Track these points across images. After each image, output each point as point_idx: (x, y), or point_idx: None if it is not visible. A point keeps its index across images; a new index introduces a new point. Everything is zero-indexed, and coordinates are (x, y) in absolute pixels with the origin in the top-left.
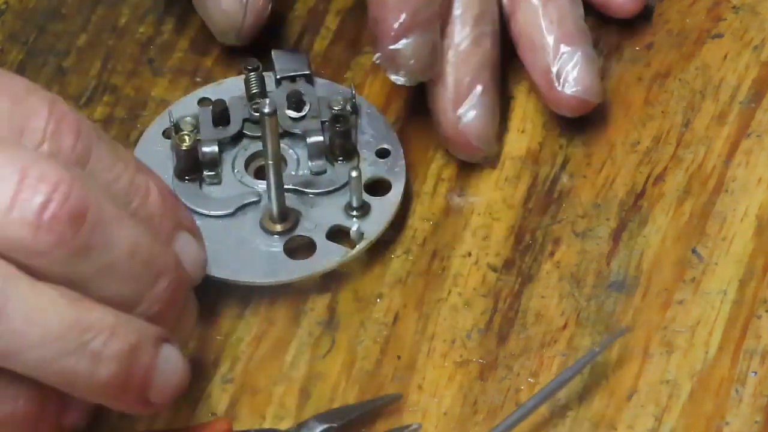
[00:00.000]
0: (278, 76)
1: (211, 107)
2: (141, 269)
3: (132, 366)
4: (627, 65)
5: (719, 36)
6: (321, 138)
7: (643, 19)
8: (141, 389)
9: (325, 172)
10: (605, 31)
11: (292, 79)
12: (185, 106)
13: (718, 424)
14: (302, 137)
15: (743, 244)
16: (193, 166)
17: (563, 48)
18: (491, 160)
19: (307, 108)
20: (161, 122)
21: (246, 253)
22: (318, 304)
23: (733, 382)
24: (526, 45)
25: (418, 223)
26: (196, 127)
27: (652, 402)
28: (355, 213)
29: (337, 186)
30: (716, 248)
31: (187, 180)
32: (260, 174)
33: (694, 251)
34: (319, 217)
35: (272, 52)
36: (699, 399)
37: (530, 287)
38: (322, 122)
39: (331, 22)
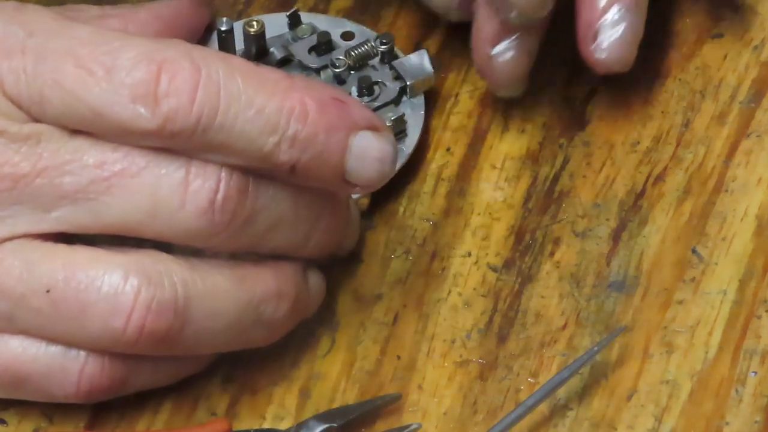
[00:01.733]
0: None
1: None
2: (307, 212)
3: (295, 310)
4: None
5: (719, 36)
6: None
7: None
8: (299, 317)
9: None
10: None
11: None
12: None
13: (718, 424)
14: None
15: (743, 244)
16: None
17: (614, 9)
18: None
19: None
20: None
21: None
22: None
23: (733, 382)
24: None
25: (418, 223)
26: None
27: (652, 402)
28: None
29: None
30: (716, 248)
31: None
32: None
33: (694, 251)
34: None
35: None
36: (699, 399)
37: (530, 287)
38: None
39: None
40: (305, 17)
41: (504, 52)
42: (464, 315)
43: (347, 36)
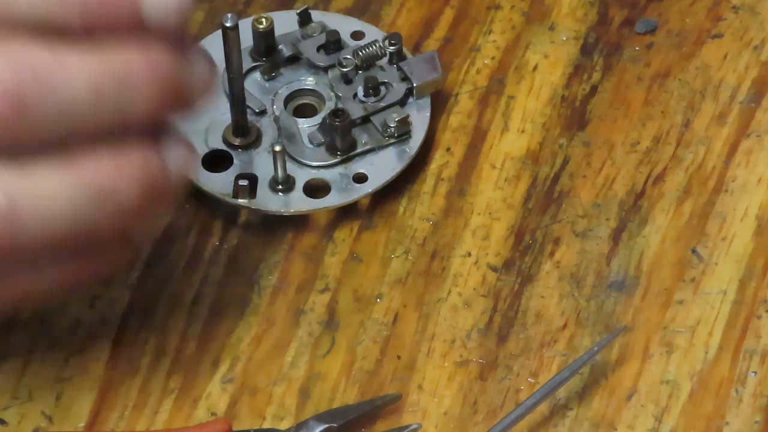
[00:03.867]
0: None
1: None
2: (117, 83)
3: (147, 192)
4: (627, 65)
5: (719, 36)
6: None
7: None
8: (159, 199)
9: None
10: (605, 30)
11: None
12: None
13: (718, 424)
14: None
15: (743, 244)
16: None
17: None
18: None
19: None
20: None
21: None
22: (318, 304)
23: (733, 382)
24: None
25: (418, 223)
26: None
27: (652, 402)
28: (280, 187)
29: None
30: (716, 248)
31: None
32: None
33: (694, 251)
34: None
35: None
36: (699, 399)
37: (530, 287)
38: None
39: None
40: (315, 15)
41: None
42: (464, 315)
43: (357, 36)
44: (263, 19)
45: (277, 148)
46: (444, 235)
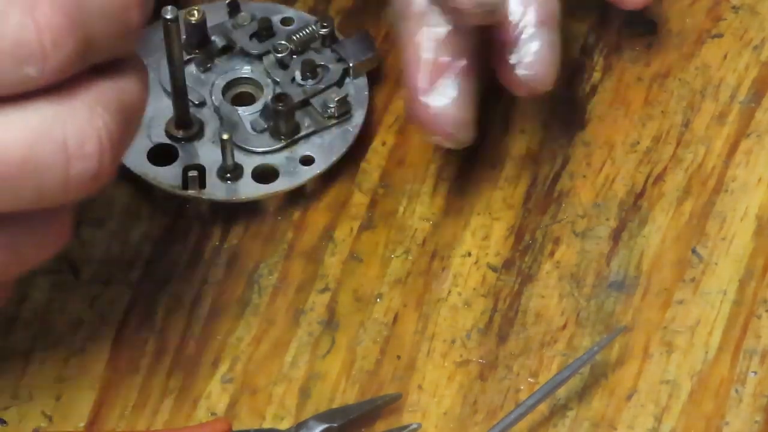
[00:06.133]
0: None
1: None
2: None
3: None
4: (627, 65)
5: (719, 36)
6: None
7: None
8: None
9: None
10: (605, 30)
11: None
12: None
13: (718, 424)
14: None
15: (743, 244)
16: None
17: (530, 27)
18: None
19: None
20: None
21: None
22: (318, 304)
23: (733, 382)
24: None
25: (418, 223)
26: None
27: (652, 402)
28: (228, 175)
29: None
30: (716, 248)
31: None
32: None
33: (694, 251)
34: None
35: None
36: (699, 399)
37: (530, 287)
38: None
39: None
40: (244, 5)
41: (441, 96)
42: (464, 315)
43: (286, 22)
44: (195, 11)
45: (225, 136)
46: (444, 235)
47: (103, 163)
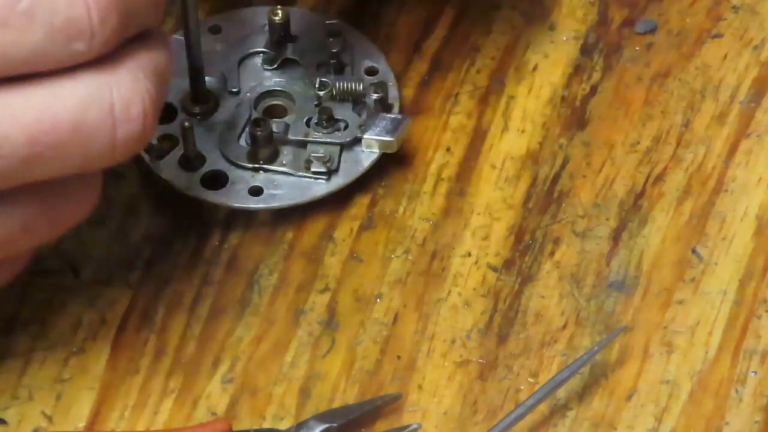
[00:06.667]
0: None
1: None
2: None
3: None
4: (627, 65)
5: (719, 36)
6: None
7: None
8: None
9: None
10: (605, 30)
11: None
12: None
13: (718, 424)
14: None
15: (743, 244)
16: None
17: None
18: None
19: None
20: None
21: None
22: (318, 304)
23: (733, 382)
24: None
25: (418, 223)
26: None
27: (652, 402)
28: (188, 164)
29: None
30: (716, 248)
31: None
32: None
33: (694, 251)
34: None
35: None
36: (699, 399)
37: (530, 287)
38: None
39: None
40: (357, 38)
41: None
42: (464, 315)
43: (370, 71)
44: (279, 11)
45: (186, 125)
46: (444, 235)
47: (147, 124)
